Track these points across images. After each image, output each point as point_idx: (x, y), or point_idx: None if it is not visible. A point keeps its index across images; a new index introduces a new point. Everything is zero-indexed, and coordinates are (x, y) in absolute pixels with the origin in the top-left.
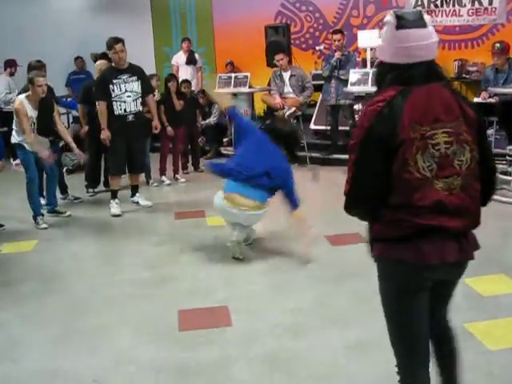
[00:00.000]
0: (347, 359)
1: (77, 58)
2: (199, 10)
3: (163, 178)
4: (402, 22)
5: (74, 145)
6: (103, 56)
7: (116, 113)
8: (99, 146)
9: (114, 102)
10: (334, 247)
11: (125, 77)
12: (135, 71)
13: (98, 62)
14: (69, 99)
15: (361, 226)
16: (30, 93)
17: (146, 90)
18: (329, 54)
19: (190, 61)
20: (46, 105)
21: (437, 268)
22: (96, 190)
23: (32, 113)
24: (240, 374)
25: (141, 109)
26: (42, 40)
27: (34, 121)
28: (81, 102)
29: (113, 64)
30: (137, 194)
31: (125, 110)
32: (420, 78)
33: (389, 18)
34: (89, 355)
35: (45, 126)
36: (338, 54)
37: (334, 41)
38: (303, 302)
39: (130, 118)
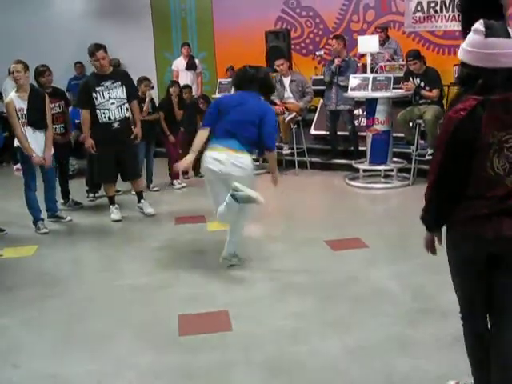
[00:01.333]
0: (348, 364)
1: (76, 63)
2: (200, 15)
3: (174, 182)
4: (490, 32)
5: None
6: None
7: (100, 121)
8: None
9: (98, 110)
10: (334, 252)
11: (108, 83)
12: (119, 76)
13: None
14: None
15: (361, 231)
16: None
17: (132, 95)
18: (330, 60)
19: (190, 66)
20: (35, 96)
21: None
22: (97, 194)
23: (22, 104)
24: (240, 379)
25: (127, 115)
26: (42, 45)
27: (24, 112)
28: (78, 106)
29: (95, 71)
30: (141, 201)
31: (109, 118)
32: (503, 83)
33: (478, 26)
34: (89, 360)
35: (35, 116)
36: (337, 61)
37: (332, 46)
38: (303, 306)
39: (116, 125)
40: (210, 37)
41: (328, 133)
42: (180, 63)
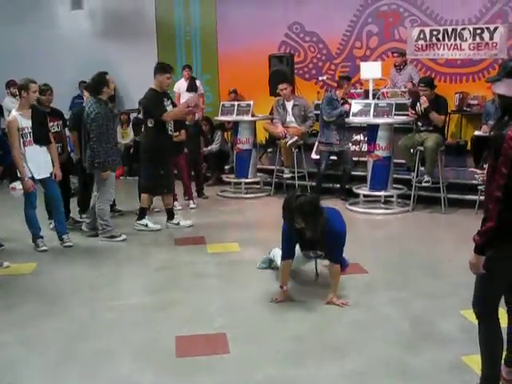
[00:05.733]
0: None
1: (81, 83)
2: (204, 37)
3: (175, 203)
4: None
5: (57, 166)
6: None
7: (169, 133)
8: (89, 173)
9: (167, 123)
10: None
11: (166, 100)
12: (169, 96)
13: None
14: None
15: (360, 257)
16: (18, 104)
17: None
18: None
19: (191, 87)
20: (38, 113)
21: None
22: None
23: (26, 123)
24: None
25: None
26: (45, 63)
27: (30, 130)
28: (72, 130)
29: (153, 87)
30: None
31: (171, 131)
32: None
33: None
34: (88, 380)
35: (41, 133)
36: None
37: (346, 87)
38: (302, 329)
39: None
40: (214, 59)
41: (319, 170)
42: (181, 85)
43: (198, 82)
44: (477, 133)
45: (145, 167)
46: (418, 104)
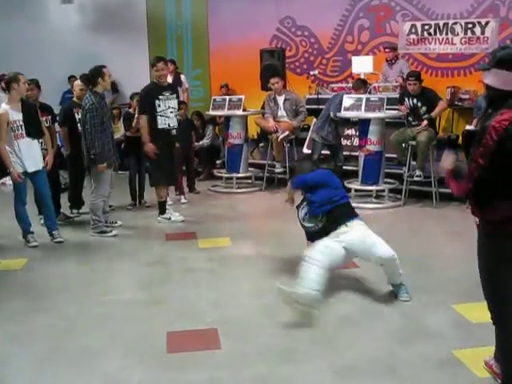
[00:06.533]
0: None
1: (70, 77)
2: (195, 33)
3: (181, 197)
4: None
5: (50, 153)
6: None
7: (160, 127)
8: (80, 168)
9: (159, 117)
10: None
11: (167, 94)
12: (174, 89)
13: (76, 82)
14: None
15: None
16: (8, 97)
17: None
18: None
19: (175, 82)
20: (29, 106)
21: None
22: (80, 211)
23: (16, 116)
24: None
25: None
26: (35, 58)
27: (21, 123)
28: (62, 125)
29: (155, 81)
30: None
31: (169, 125)
32: None
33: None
34: (77, 376)
35: (33, 126)
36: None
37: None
38: (292, 325)
39: (173, 132)
40: (205, 54)
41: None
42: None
43: (182, 77)
44: (468, 127)
45: (149, 161)
46: (407, 99)
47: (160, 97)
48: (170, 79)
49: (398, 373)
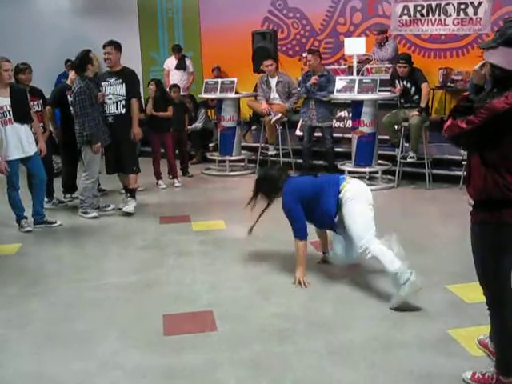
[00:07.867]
0: (332, 364)
1: (67, 62)
2: (186, 15)
3: (160, 182)
4: None
5: (41, 141)
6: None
7: None
8: (73, 153)
9: None
10: (319, 253)
11: (112, 80)
12: (123, 74)
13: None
14: None
15: None
16: None
17: (131, 92)
18: (305, 74)
19: (180, 66)
20: (17, 91)
21: None
22: (73, 195)
23: (3, 102)
24: (225, 378)
25: (123, 112)
26: (26, 41)
27: (8, 109)
28: (52, 105)
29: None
30: (128, 197)
31: (105, 112)
32: None
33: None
34: (74, 359)
35: (21, 111)
36: (314, 79)
37: (308, 61)
38: (289, 306)
39: (110, 119)
40: (196, 37)
41: (303, 146)
42: (170, 62)
43: (187, 61)
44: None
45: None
46: (397, 81)
47: (103, 83)
48: (175, 63)
49: (393, 352)
